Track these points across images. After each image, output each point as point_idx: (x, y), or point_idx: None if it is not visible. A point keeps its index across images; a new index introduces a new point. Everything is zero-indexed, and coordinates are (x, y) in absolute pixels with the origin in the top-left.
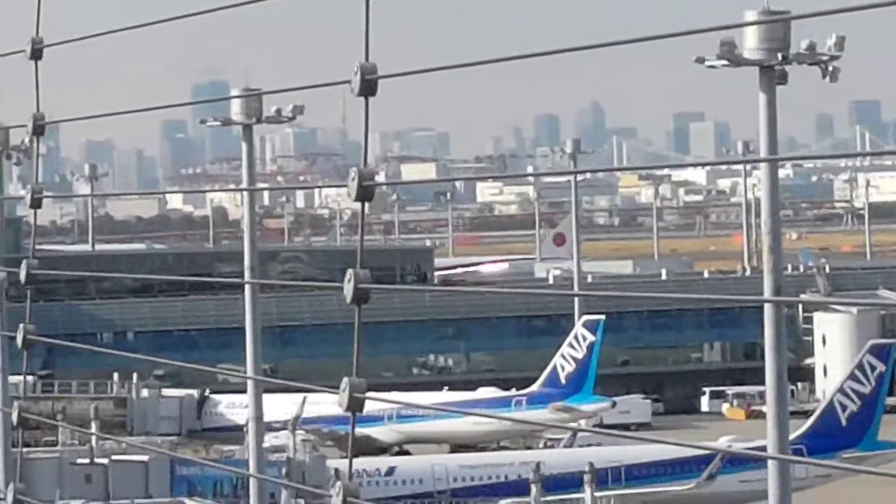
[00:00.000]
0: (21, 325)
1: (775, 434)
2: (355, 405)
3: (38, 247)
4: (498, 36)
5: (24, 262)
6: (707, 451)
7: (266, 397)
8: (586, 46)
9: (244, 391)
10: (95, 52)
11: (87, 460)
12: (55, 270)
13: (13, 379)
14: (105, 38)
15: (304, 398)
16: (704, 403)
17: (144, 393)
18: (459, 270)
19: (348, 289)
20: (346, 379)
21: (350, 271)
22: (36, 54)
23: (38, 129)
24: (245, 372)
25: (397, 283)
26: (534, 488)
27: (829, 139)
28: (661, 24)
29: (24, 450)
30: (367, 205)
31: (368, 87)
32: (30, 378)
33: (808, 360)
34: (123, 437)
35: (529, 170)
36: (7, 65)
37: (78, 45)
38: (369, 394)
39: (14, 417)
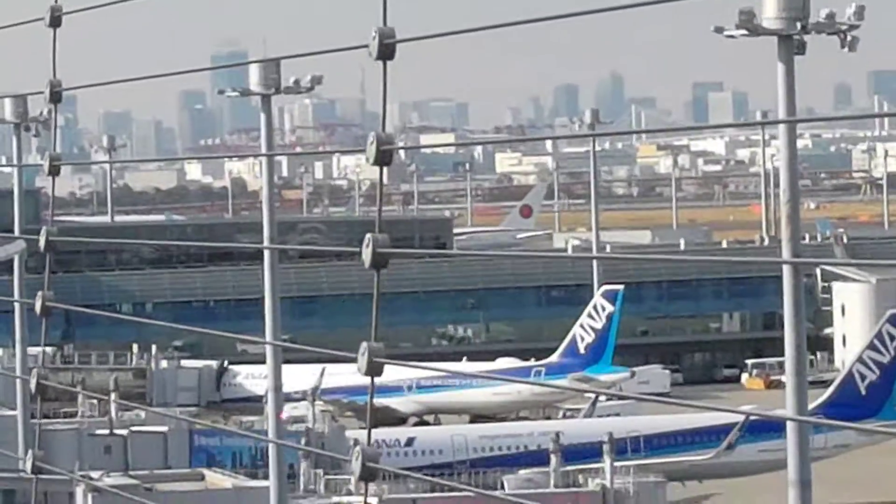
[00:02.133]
0: (39, 293)
1: (794, 403)
2: (374, 369)
3: (57, 218)
4: (515, 3)
5: (44, 229)
6: (726, 422)
7: (285, 368)
8: (604, 9)
9: (263, 362)
10: (113, 22)
11: (106, 431)
12: (74, 238)
13: (33, 350)
14: (123, 9)
15: (323, 369)
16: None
17: (164, 364)
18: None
19: (367, 253)
20: (364, 343)
21: (368, 236)
22: (55, 21)
23: (56, 97)
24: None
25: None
26: (553, 458)
27: (848, 109)
28: None
29: (44, 421)
30: (385, 170)
31: (387, 52)
32: (49, 349)
33: (828, 330)
34: (143, 407)
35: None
36: (23, 35)
37: (96, 14)
38: (388, 359)
39: (32, 386)
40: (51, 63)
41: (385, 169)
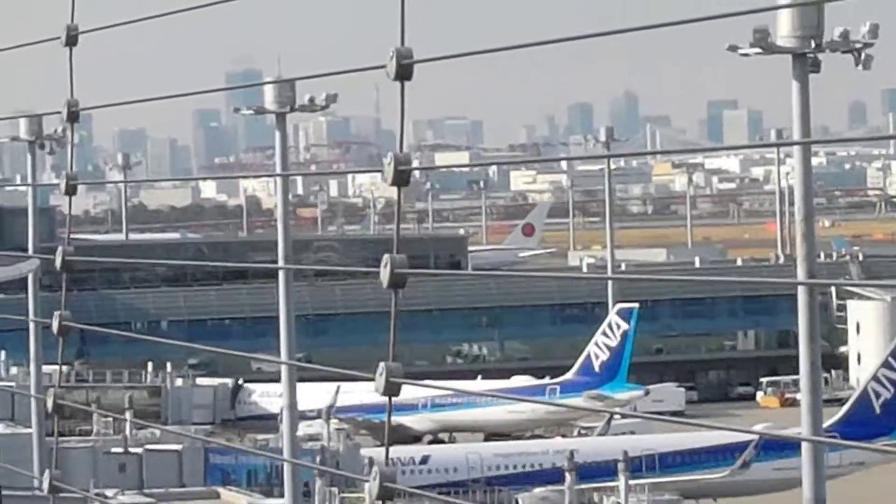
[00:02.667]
0: (56, 313)
1: (809, 421)
2: (392, 389)
3: (71, 236)
4: (530, 22)
5: (60, 248)
6: (741, 440)
7: (300, 386)
8: (618, 31)
9: (278, 380)
10: (128, 41)
11: (121, 449)
12: (89, 258)
13: (47, 368)
14: (137, 29)
15: (338, 387)
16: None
17: (178, 382)
18: None
19: (385, 273)
20: (382, 363)
21: (386, 256)
22: (71, 41)
23: (73, 116)
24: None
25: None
26: (568, 476)
27: (862, 127)
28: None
29: (59, 439)
30: (402, 190)
31: (404, 72)
32: (64, 367)
33: (843, 348)
34: (158, 426)
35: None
36: (38, 54)
37: (111, 33)
38: (405, 379)
39: (49, 405)
40: (67, 82)
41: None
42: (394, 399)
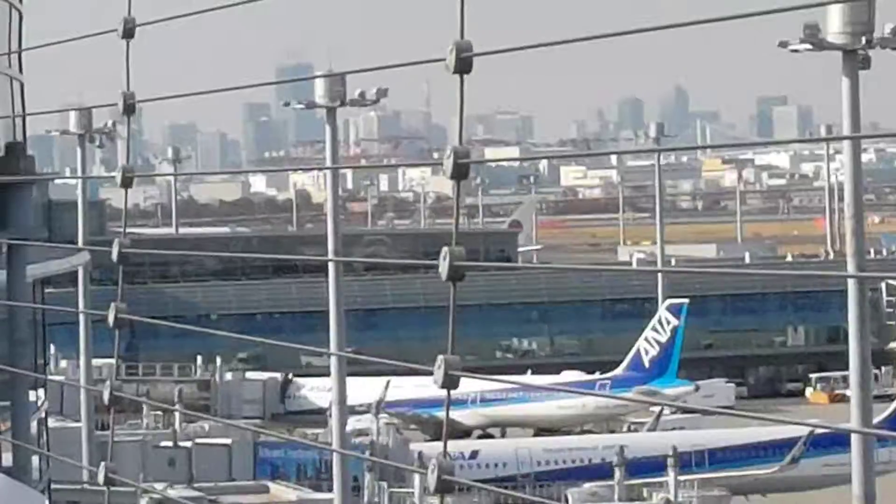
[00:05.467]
0: (112, 304)
1: (859, 417)
2: (450, 382)
3: (120, 230)
4: (580, 17)
5: (116, 240)
6: (790, 436)
7: (349, 381)
8: (668, 26)
9: (328, 375)
10: (178, 34)
11: (170, 443)
12: (145, 250)
13: (96, 362)
14: (187, 22)
15: (388, 381)
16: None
17: (228, 376)
18: None
19: (444, 266)
20: (440, 356)
21: (445, 249)
22: (128, 33)
23: (129, 108)
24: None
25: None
26: (617, 472)
27: None
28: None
29: (108, 432)
30: (458, 184)
31: (464, 65)
32: (114, 361)
33: (892, 345)
34: (208, 417)
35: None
36: (87, 49)
37: (163, 27)
38: (464, 372)
39: (105, 397)
40: (123, 75)
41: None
42: (442, 394)
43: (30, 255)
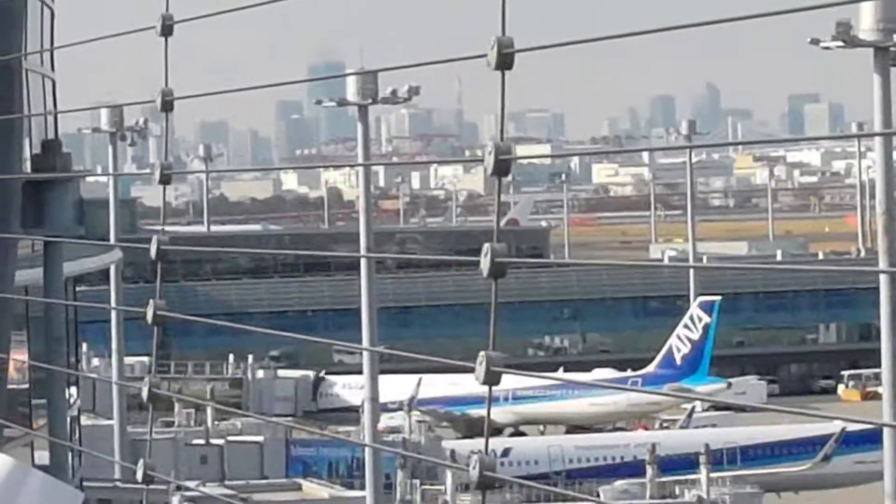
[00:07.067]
0: (151, 301)
1: (891, 414)
2: (492, 378)
3: (153, 228)
4: (612, 14)
5: (154, 237)
6: (822, 433)
7: (381, 378)
8: (700, 23)
9: (359, 373)
10: (210, 32)
11: (202, 441)
12: (184, 247)
13: (128, 360)
14: (219, 21)
15: (420, 379)
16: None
17: (260, 374)
18: None
19: (485, 263)
20: (482, 353)
21: (487, 245)
22: (166, 31)
23: (167, 105)
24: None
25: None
26: (649, 469)
27: None
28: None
29: (140, 430)
30: (489, 181)
31: (505, 61)
32: (145, 359)
33: None
34: (242, 412)
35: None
36: (120, 48)
37: (196, 25)
38: (506, 368)
39: (144, 393)
40: (161, 72)
41: (497, 179)
42: (477, 391)
43: (65, 253)
